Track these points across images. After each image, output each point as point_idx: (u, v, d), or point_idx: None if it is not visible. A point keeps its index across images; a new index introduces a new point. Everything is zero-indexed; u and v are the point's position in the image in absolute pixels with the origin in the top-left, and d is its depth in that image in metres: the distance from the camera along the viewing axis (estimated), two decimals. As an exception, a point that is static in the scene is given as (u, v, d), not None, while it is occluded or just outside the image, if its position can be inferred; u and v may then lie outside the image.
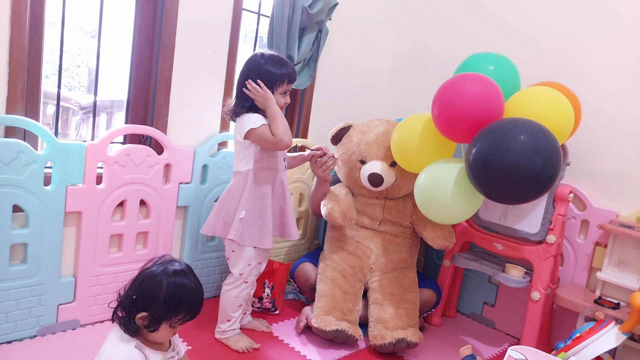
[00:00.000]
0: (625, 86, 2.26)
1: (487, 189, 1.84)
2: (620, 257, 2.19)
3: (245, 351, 2.01)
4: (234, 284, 2.02)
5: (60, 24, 1.94)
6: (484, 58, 2.14)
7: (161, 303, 1.27)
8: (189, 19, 2.19)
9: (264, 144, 1.90)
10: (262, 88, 1.88)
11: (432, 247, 2.40)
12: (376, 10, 3.02)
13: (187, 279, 1.33)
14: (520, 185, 1.75)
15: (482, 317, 2.67)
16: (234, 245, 1.99)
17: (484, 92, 1.88)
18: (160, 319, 1.28)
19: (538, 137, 1.74)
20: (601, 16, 2.33)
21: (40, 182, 1.84)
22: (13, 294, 1.85)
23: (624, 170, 2.26)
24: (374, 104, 3.18)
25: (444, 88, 1.95)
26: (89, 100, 2.16)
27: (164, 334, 1.32)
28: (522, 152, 1.71)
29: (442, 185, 1.97)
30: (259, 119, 1.89)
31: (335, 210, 2.24)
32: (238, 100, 1.95)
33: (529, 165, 1.71)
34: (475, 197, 1.97)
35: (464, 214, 2.02)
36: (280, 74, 1.90)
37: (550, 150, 1.74)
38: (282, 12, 2.32)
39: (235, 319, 2.04)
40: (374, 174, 2.29)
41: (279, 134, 1.85)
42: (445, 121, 1.95)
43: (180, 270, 1.34)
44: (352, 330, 2.13)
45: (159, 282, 1.29)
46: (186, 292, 1.31)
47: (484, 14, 2.75)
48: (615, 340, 1.83)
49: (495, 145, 1.76)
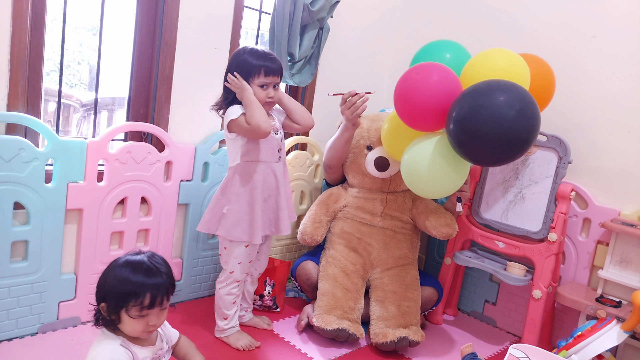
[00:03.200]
0: (627, 84, 2.25)
1: (467, 150, 1.84)
2: (622, 255, 2.19)
3: (245, 349, 2.01)
4: (226, 281, 2.01)
5: (61, 21, 1.94)
6: (434, 47, 2.18)
7: (112, 289, 1.24)
8: (190, 16, 2.18)
9: (243, 134, 1.89)
10: (238, 78, 1.87)
11: (434, 239, 2.39)
12: (377, 7, 3.01)
13: (139, 264, 1.27)
14: (498, 141, 1.74)
15: (483, 315, 2.67)
16: (226, 242, 1.98)
17: (437, 79, 1.90)
18: (116, 307, 1.24)
19: (510, 92, 1.74)
20: (604, 13, 2.32)
21: (41, 179, 1.84)
22: (14, 291, 1.85)
23: (626, 168, 2.25)
24: (375, 101, 3.16)
25: (399, 83, 1.98)
26: (90, 97, 2.15)
27: (130, 325, 1.26)
28: (494, 106, 1.72)
29: (423, 157, 1.96)
30: (238, 109, 1.88)
31: (307, 231, 2.31)
32: (222, 95, 1.96)
33: (503, 117, 1.71)
34: (458, 164, 1.97)
35: (450, 182, 2.00)
36: (257, 65, 1.86)
37: (524, 103, 1.74)
38: (284, 10, 2.32)
39: (231, 317, 2.04)
40: (381, 157, 2.30)
41: (253, 122, 1.81)
42: (407, 116, 1.98)
43: (137, 258, 1.29)
44: (354, 328, 2.13)
45: (110, 269, 1.28)
46: (135, 275, 1.25)
47: (486, 11, 2.74)
48: (616, 339, 1.83)
49: (470, 105, 1.77)
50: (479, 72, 1.92)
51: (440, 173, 1.96)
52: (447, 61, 2.07)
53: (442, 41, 2.21)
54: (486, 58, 1.97)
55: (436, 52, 2.14)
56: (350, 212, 2.39)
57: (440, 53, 2.13)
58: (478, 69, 1.95)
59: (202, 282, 2.44)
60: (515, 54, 1.98)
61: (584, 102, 2.34)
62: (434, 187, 2.02)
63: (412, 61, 2.23)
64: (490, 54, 1.98)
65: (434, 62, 1.99)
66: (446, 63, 2.03)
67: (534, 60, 2.09)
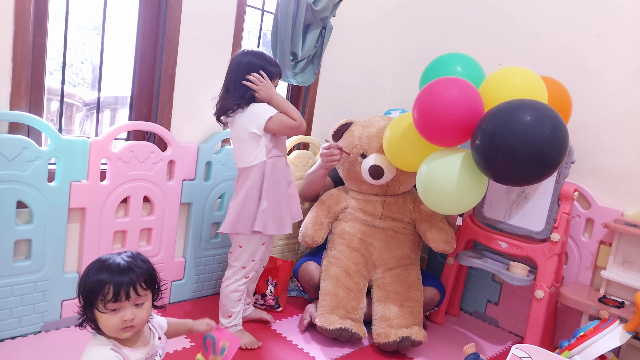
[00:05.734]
0: (631, 84, 2.24)
1: (493, 165, 1.81)
2: (625, 255, 2.18)
3: (247, 347, 2.01)
4: (234, 277, 2.02)
5: (64, 20, 1.94)
6: (449, 59, 2.17)
7: (82, 287, 1.23)
8: (193, 15, 2.18)
9: (284, 130, 1.93)
10: (265, 79, 1.91)
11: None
12: (380, 6, 3.01)
13: (105, 261, 1.25)
14: (528, 159, 1.72)
15: (485, 315, 2.66)
16: (244, 240, 1.99)
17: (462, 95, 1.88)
18: (89, 305, 1.23)
19: (543, 112, 1.73)
20: (608, 13, 2.31)
21: (44, 178, 1.84)
22: (17, 289, 1.85)
23: (630, 169, 2.25)
24: (378, 101, 3.17)
25: (420, 96, 1.96)
26: (93, 96, 2.15)
27: (105, 321, 1.24)
28: (528, 124, 1.71)
29: (443, 174, 1.95)
30: (269, 107, 1.91)
31: (308, 233, 2.33)
32: (233, 94, 1.92)
33: (536, 136, 1.69)
34: (477, 184, 1.95)
35: (468, 202, 1.99)
36: (274, 72, 1.96)
37: (556, 123, 1.72)
38: (287, 9, 2.32)
39: (235, 314, 2.04)
40: (375, 166, 2.30)
41: (298, 117, 1.92)
42: (427, 130, 1.96)
43: (106, 256, 1.27)
44: (356, 328, 2.13)
45: (84, 270, 1.26)
46: (99, 272, 1.23)
47: (490, 12, 2.73)
48: (619, 339, 1.82)
49: (501, 122, 1.75)
50: (498, 90, 1.93)
51: (459, 191, 1.94)
52: (458, 75, 2.06)
53: (453, 54, 2.20)
54: (504, 76, 1.97)
55: (447, 65, 2.13)
56: (351, 213, 2.40)
57: (451, 66, 2.12)
58: (496, 87, 1.95)
59: (205, 281, 2.44)
60: (533, 73, 1.98)
61: (588, 102, 2.34)
62: (450, 204, 2.01)
63: (423, 74, 2.22)
64: (508, 72, 1.99)
65: (456, 77, 1.96)
66: (458, 76, 2.02)
67: (552, 83, 2.09)
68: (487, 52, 2.68)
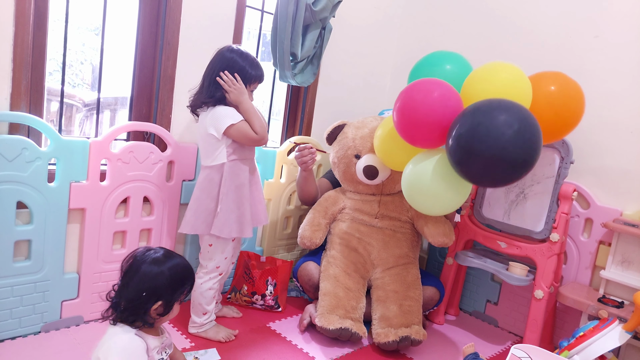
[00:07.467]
0: (630, 84, 2.25)
1: (464, 168, 1.80)
2: (624, 255, 2.19)
3: (226, 340, 2.03)
4: (209, 275, 2.03)
5: (64, 21, 1.94)
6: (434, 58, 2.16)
7: (169, 287, 1.41)
8: (192, 16, 2.18)
9: (243, 140, 1.89)
10: (238, 81, 1.88)
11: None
12: (379, 7, 3.01)
13: (175, 258, 1.47)
14: (493, 160, 1.71)
15: (485, 315, 2.67)
16: (213, 239, 1.99)
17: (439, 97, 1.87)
18: (173, 300, 1.44)
19: (509, 111, 1.71)
20: (606, 13, 2.32)
21: (44, 179, 1.84)
22: (17, 290, 1.85)
23: (628, 168, 2.25)
24: (377, 101, 3.17)
25: (398, 99, 1.96)
26: (93, 97, 2.16)
27: (176, 310, 1.47)
28: (491, 125, 1.69)
29: (425, 175, 1.95)
30: (234, 113, 1.87)
31: (305, 235, 2.34)
32: (206, 90, 1.90)
33: (498, 137, 1.67)
34: (461, 184, 1.95)
35: (450, 202, 1.98)
36: (254, 75, 1.92)
37: (523, 123, 1.69)
38: (286, 9, 2.32)
39: (210, 312, 2.06)
40: (369, 166, 2.30)
41: (261, 131, 1.87)
42: (406, 132, 1.97)
43: (165, 253, 1.47)
44: (356, 327, 2.13)
45: (159, 272, 1.41)
46: (183, 269, 1.47)
47: (488, 12, 2.74)
48: (619, 339, 1.82)
49: (469, 122, 1.74)
50: (480, 88, 1.90)
51: (441, 192, 1.94)
52: (447, 72, 2.05)
53: (442, 52, 2.18)
54: (487, 72, 1.94)
55: (436, 63, 2.12)
56: (349, 213, 2.40)
57: (441, 64, 2.10)
58: (479, 84, 1.92)
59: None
60: (517, 68, 1.93)
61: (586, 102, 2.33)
62: (433, 205, 2.01)
63: (412, 72, 2.21)
64: (491, 68, 1.95)
65: (434, 79, 1.95)
66: (446, 75, 2.02)
67: (561, 78, 2.00)
68: (485, 52, 2.69)
